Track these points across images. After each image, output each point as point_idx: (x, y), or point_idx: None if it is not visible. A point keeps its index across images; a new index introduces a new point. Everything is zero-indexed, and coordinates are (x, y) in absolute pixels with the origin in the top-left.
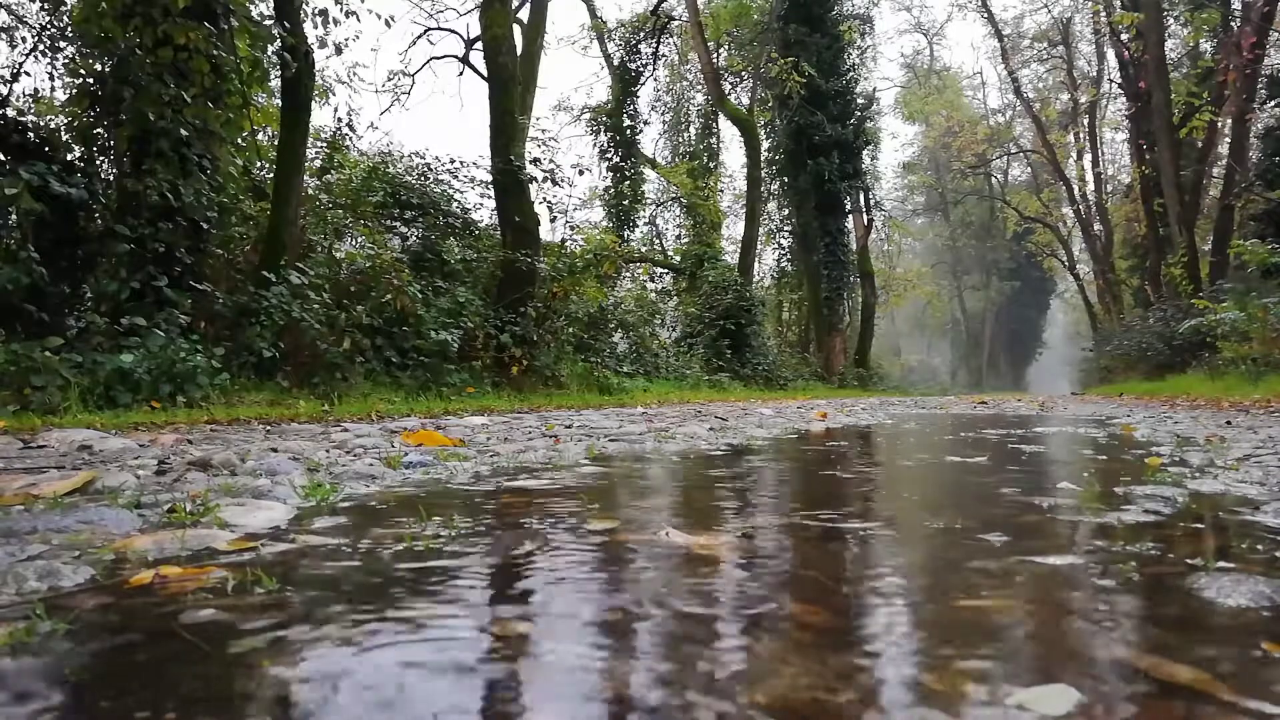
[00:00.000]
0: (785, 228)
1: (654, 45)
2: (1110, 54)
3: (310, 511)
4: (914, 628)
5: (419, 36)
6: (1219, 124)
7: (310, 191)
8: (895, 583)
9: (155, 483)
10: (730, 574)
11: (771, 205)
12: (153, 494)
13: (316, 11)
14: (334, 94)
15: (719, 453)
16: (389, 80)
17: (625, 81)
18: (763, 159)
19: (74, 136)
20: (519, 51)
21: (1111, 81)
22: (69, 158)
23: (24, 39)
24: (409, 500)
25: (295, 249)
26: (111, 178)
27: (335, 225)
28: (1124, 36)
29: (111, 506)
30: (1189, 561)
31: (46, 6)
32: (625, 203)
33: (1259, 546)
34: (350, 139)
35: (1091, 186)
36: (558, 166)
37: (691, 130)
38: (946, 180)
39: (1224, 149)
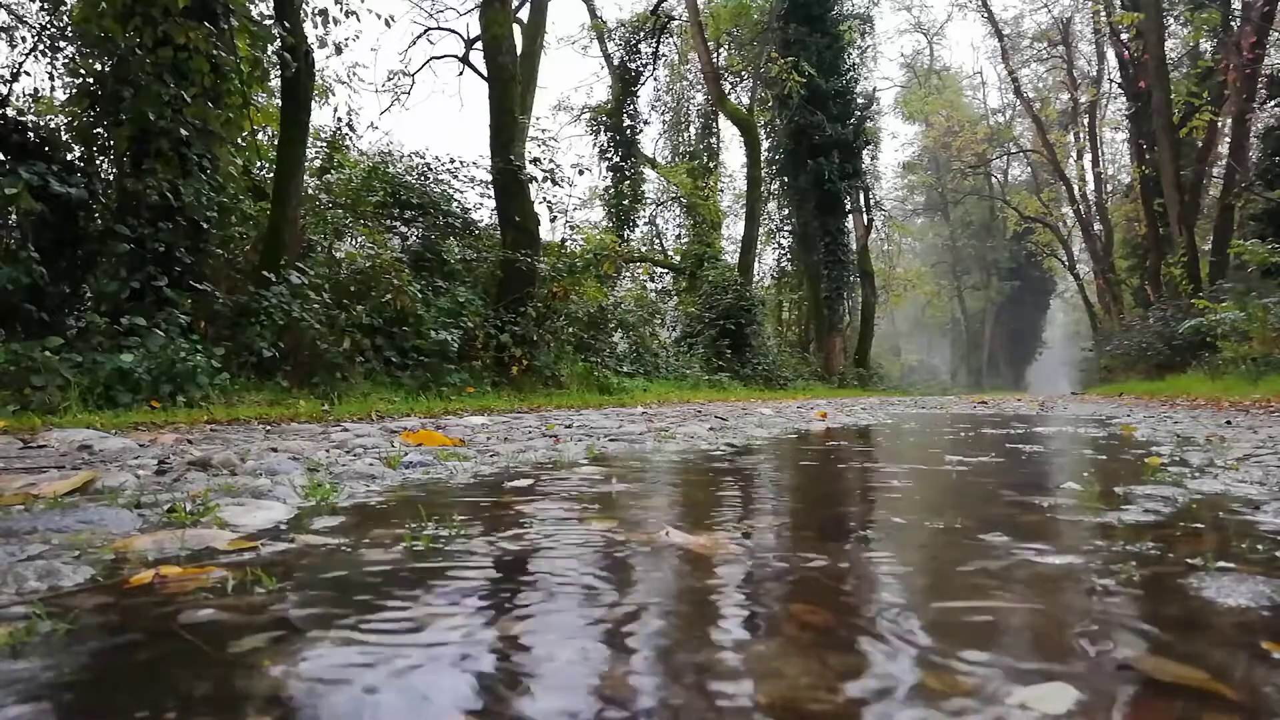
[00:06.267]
0: (785, 228)
1: (654, 45)
2: (1110, 54)
3: (310, 511)
4: (914, 626)
5: (419, 36)
6: (1219, 124)
7: (310, 191)
8: (895, 582)
9: (155, 483)
10: (730, 573)
11: (771, 205)
12: (153, 494)
13: (316, 11)
14: (334, 94)
15: (719, 453)
16: (389, 80)
17: (625, 81)
18: (763, 159)
19: (74, 136)
20: (519, 51)
21: (1111, 81)
22: (69, 158)
23: (24, 39)
24: (409, 500)
25: (295, 249)
26: (111, 178)
27: (335, 225)
28: (1124, 36)
29: (111, 506)
30: (1189, 561)
31: (46, 6)
32: (625, 203)
33: (1259, 546)
34: (350, 139)
35: (1091, 186)
36: (558, 166)
37: (691, 130)
38: (946, 180)
39: (1224, 149)
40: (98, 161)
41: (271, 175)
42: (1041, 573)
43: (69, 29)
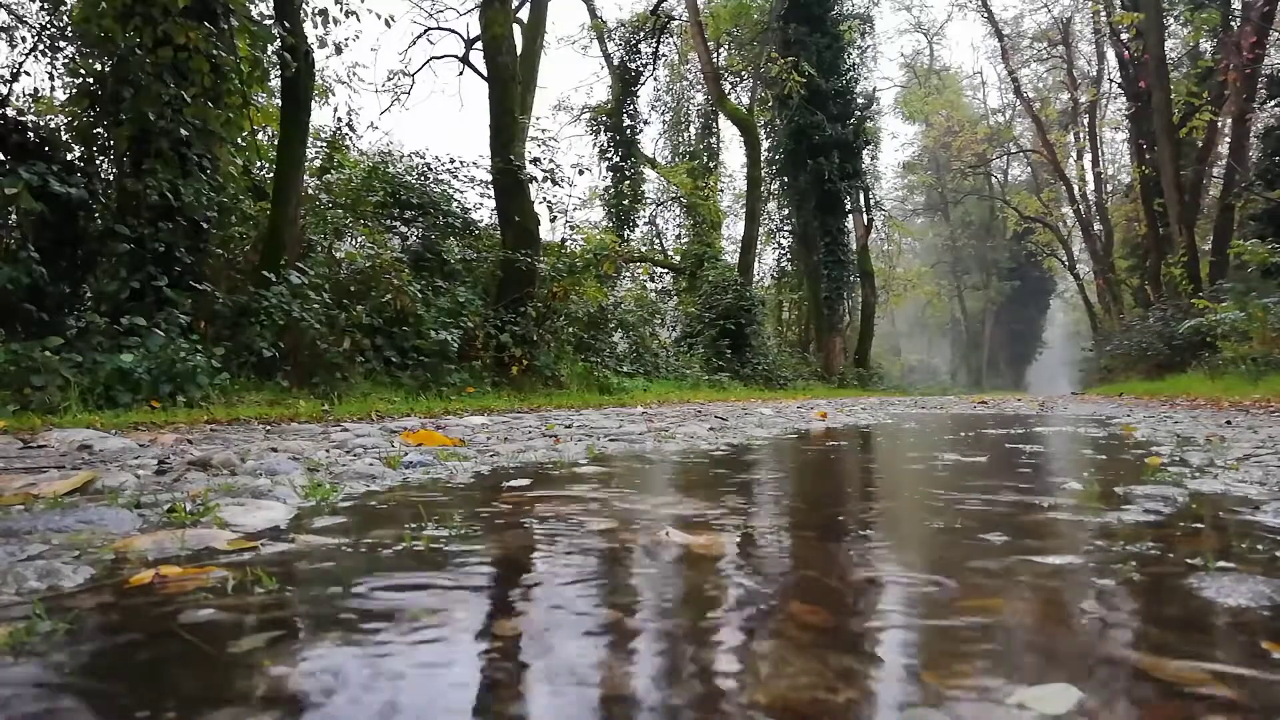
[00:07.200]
0: (785, 228)
1: (654, 45)
2: (1110, 54)
3: (310, 511)
4: (913, 627)
5: (419, 36)
6: (1219, 124)
7: (310, 191)
8: (895, 582)
9: (155, 483)
10: (730, 573)
11: (771, 205)
12: (153, 494)
13: (316, 11)
14: (334, 94)
15: (719, 453)
16: (389, 80)
17: (625, 81)
18: (763, 159)
19: (74, 136)
20: (519, 51)
21: (1111, 81)
22: (69, 158)
23: (24, 39)
24: (409, 500)
25: (295, 249)
26: (111, 178)
27: (335, 225)
28: (1124, 36)
29: (111, 506)
30: (1189, 561)
31: (46, 6)
32: (625, 203)
33: (1259, 546)
34: (350, 139)
35: (1091, 186)
36: (558, 166)
37: (691, 130)
38: (946, 180)
39: (1224, 149)
40: (98, 161)
41: (271, 175)
42: (1041, 573)
43: (69, 29)
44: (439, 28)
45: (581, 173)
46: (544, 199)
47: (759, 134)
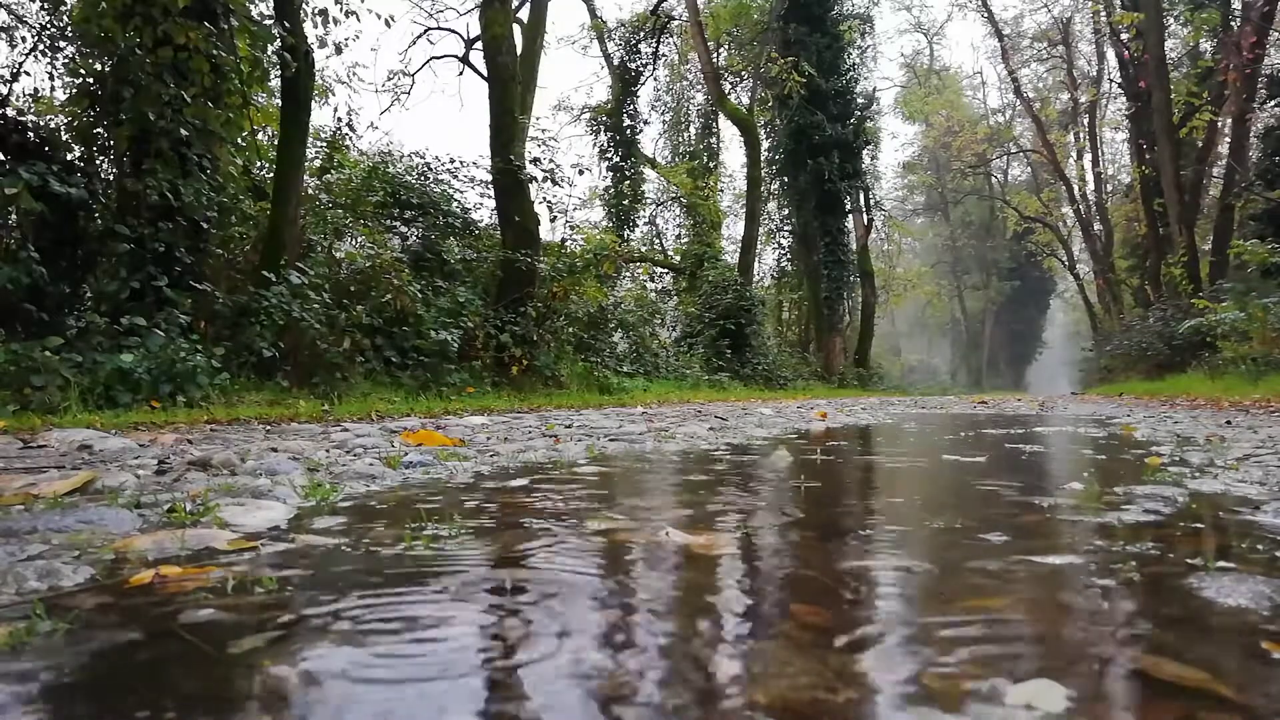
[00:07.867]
0: (785, 228)
1: (654, 45)
2: (1110, 54)
3: (310, 511)
4: (913, 626)
5: (419, 36)
6: (1219, 124)
7: (310, 191)
8: (894, 582)
9: (155, 483)
10: (731, 573)
11: (771, 205)
12: (153, 494)
13: (316, 11)
14: (334, 94)
15: (719, 453)
16: (389, 80)
17: (625, 81)
18: (763, 159)
19: (74, 136)
20: (519, 51)
21: (1111, 81)
22: (69, 158)
23: (24, 39)
24: (409, 500)
25: (295, 249)
26: (111, 178)
27: (335, 225)
28: (1124, 36)
29: (111, 506)
30: (1189, 561)
31: (46, 6)
32: (625, 203)
33: (1259, 546)
34: (350, 139)
35: (1091, 186)
36: (558, 166)
37: (691, 130)
38: (946, 180)
39: (1224, 149)
40: (98, 161)
41: (271, 175)
42: (1041, 573)
43: (69, 29)
44: (439, 28)
45: (581, 173)
46: (544, 199)
47: (759, 134)
